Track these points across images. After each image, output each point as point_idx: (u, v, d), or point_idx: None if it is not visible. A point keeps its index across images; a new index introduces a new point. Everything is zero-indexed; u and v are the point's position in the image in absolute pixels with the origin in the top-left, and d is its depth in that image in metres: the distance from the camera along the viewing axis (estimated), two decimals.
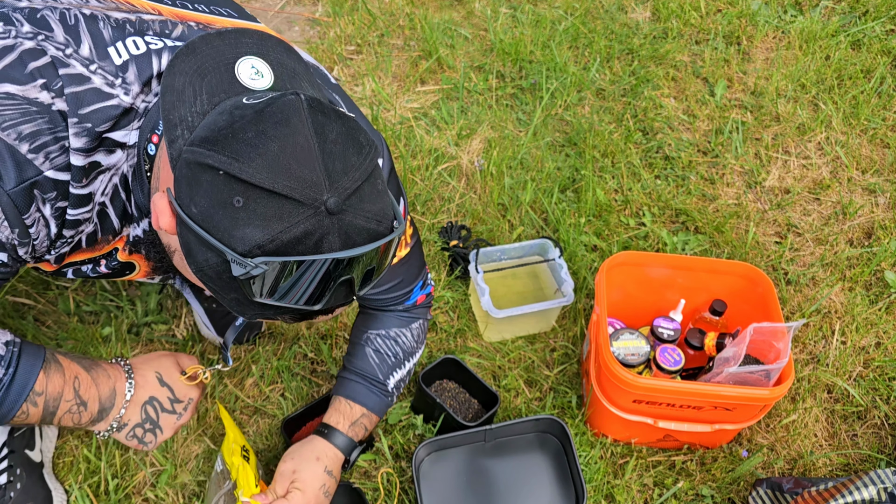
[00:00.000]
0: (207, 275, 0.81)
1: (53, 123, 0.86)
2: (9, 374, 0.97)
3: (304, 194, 0.76)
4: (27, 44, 0.87)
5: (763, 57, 2.35)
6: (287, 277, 0.77)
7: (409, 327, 1.33)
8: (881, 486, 1.20)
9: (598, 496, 1.45)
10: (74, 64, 0.88)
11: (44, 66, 0.87)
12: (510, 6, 2.47)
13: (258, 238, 0.76)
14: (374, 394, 1.30)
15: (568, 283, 1.63)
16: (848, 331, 1.71)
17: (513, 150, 2.02)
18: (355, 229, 0.79)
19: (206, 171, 0.77)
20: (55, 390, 1.01)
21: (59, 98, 0.87)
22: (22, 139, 0.85)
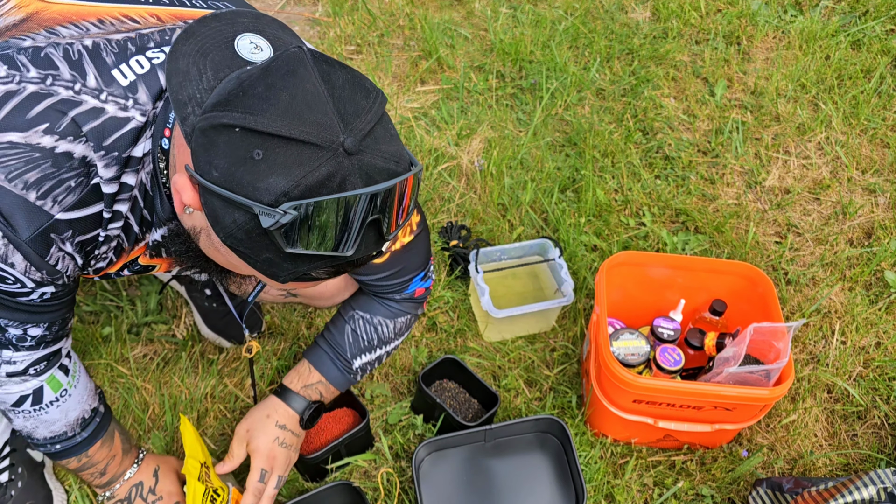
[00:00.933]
0: (237, 238, 0.81)
1: (57, 167, 0.87)
2: (82, 436, 1.20)
3: (321, 137, 0.77)
4: (31, 88, 0.88)
5: (763, 57, 2.35)
6: (316, 221, 0.78)
7: (395, 320, 1.34)
8: (881, 486, 1.20)
9: (598, 496, 1.45)
10: (86, 99, 0.89)
11: (46, 110, 0.88)
12: (510, 6, 2.47)
13: (282, 186, 0.76)
14: (337, 368, 1.34)
15: (568, 283, 1.63)
16: (848, 331, 1.71)
17: (513, 150, 2.02)
18: (375, 169, 0.79)
19: (222, 131, 0.78)
20: (98, 459, 1.24)
21: (63, 140, 0.88)
22: (28, 188, 0.87)
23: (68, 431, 1.18)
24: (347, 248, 0.81)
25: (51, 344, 1.07)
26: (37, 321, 1.01)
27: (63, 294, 1.01)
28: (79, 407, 1.17)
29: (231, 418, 1.53)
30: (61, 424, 1.16)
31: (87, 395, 1.19)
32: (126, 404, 1.54)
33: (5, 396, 1.10)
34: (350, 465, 1.46)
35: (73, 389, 1.15)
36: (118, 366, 1.59)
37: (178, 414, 1.53)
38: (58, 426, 1.16)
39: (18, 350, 1.03)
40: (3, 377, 1.06)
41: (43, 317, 1.01)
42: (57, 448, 1.19)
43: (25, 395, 1.10)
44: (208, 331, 1.63)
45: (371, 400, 1.57)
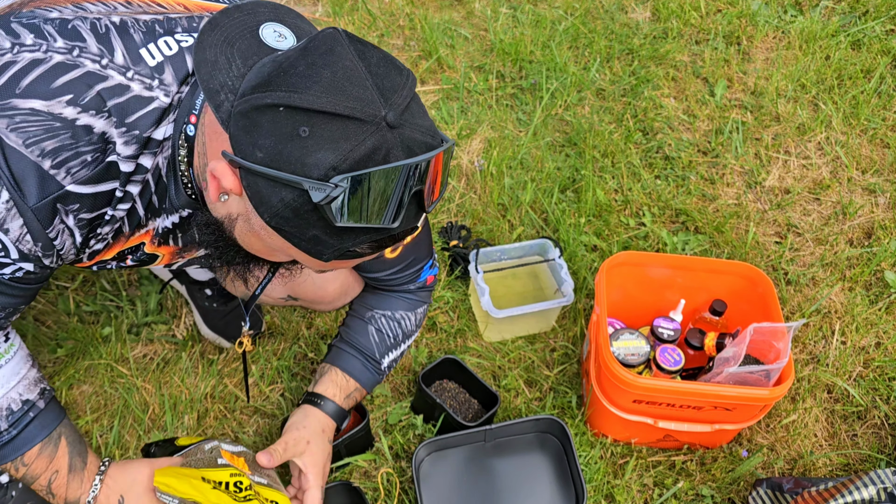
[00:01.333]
0: (284, 217, 0.82)
1: (76, 139, 0.88)
2: (10, 434, 1.04)
3: (364, 112, 0.78)
4: (57, 57, 0.88)
5: (763, 57, 2.35)
6: (366, 192, 0.79)
7: (415, 312, 1.36)
8: (881, 486, 1.20)
9: (598, 496, 1.45)
10: (112, 74, 0.90)
11: (73, 81, 0.88)
12: (510, 6, 2.47)
13: (331, 160, 0.78)
14: (369, 371, 1.33)
15: (568, 283, 1.63)
16: (848, 331, 1.71)
17: (513, 150, 2.02)
18: (415, 142, 0.82)
19: (265, 112, 0.79)
20: (36, 471, 1.08)
21: (85, 114, 0.88)
22: (44, 155, 0.87)
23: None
24: (394, 219, 0.82)
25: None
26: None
27: (35, 279, 0.98)
28: (0, 391, 1.03)
29: (231, 418, 1.54)
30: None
31: (17, 380, 1.05)
32: (126, 404, 1.54)
33: None
34: (350, 465, 1.46)
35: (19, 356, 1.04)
36: (118, 366, 1.59)
37: (178, 414, 1.53)
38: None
39: None
40: None
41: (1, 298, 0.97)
42: None
43: None
44: (208, 331, 1.63)
45: (371, 400, 1.57)
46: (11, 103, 0.86)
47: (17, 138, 0.86)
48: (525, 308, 1.58)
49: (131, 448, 1.48)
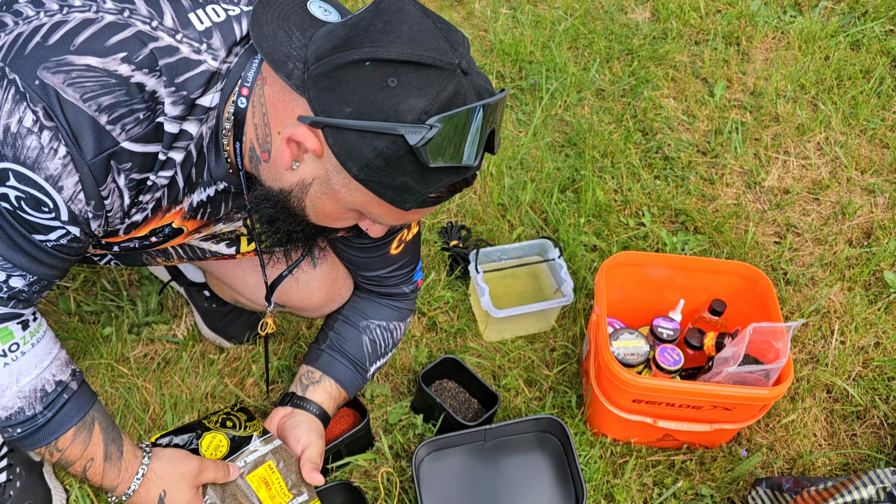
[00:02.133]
0: (375, 167, 0.87)
1: (130, 96, 0.89)
2: (45, 417, 1.02)
3: (443, 61, 0.86)
4: (109, 17, 0.89)
5: (762, 57, 2.35)
6: (455, 132, 0.86)
7: (405, 321, 1.41)
8: (880, 486, 1.20)
9: (597, 496, 1.45)
10: (162, 36, 0.91)
11: (126, 40, 0.89)
12: (510, 7, 2.47)
13: (422, 105, 0.84)
14: (358, 380, 1.37)
15: (568, 283, 1.63)
16: (847, 331, 1.71)
17: (513, 150, 2.02)
18: (482, 88, 0.89)
19: (350, 69, 0.85)
20: (70, 457, 1.07)
21: (139, 71, 0.89)
22: (101, 111, 0.88)
23: (25, 408, 1.00)
24: (475, 157, 0.89)
25: (19, 304, 0.99)
26: (28, 271, 0.95)
27: (75, 251, 0.97)
28: (34, 371, 1.01)
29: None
30: (13, 395, 0.99)
31: (49, 360, 1.03)
32: (127, 404, 1.54)
33: None
34: (350, 464, 1.47)
35: (29, 347, 1.00)
36: (119, 366, 1.59)
37: (178, 413, 1.53)
38: (9, 398, 0.99)
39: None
40: None
41: (38, 267, 0.96)
42: (18, 433, 1.01)
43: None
44: (209, 331, 1.63)
45: (371, 400, 1.57)
46: (67, 59, 0.86)
47: (75, 93, 0.86)
48: (525, 308, 1.58)
49: None
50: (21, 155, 0.86)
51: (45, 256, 0.95)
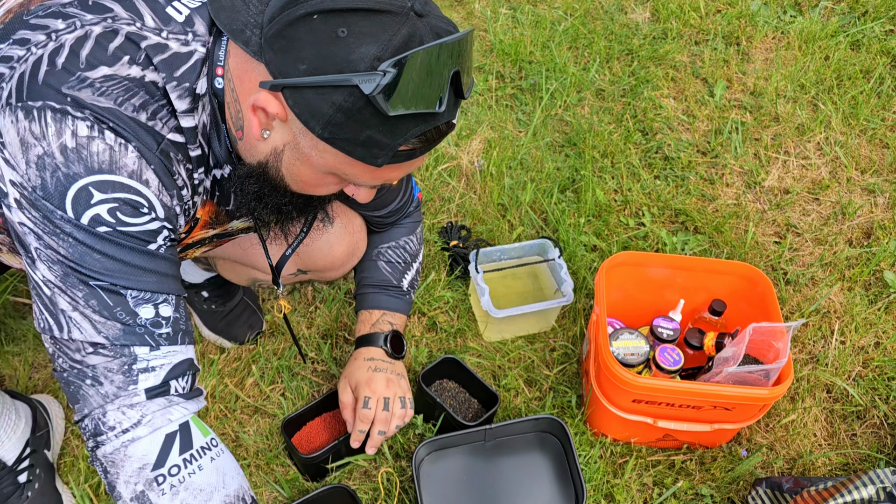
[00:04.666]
0: (337, 123, 0.83)
1: (150, 94, 0.88)
2: None
3: (394, 5, 0.82)
4: (96, 29, 0.88)
5: (762, 57, 2.35)
6: (411, 76, 0.81)
7: (415, 232, 1.47)
8: (880, 486, 1.20)
9: (597, 495, 1.45)
10: (149, 35, 0.90)
11: (123, 44, 0.88)
12: (510, 7, 2.47)
13: (374, 51, 0.81)
14: (391, 296, 1.42)
15: (568, 283, 1.63)
16: (847, 330, 1.71)
17: (512, 150, 2.02)
18: (442, 30, 0.85)
19: (299, 24, 0.82)
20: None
21: (147, 70, 0.89)
22: (137, 110, 0.87)
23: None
24: (439, 103, 0.84)
25: (185, 337, 0.94)
26: (164, 289, 0.91)
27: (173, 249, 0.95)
28: (237, 475, 0.95)
29: (232, 418, 1.54)
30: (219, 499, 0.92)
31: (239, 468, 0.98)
32: None
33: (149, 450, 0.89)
34: (350, 464, 1.47)
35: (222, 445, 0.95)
36: None
37: None
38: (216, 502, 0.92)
39: (156, 346, 0.89)
40: (143, 400, 0.88)
41: (170, 282, 0.92)
42: None
43: (172, 433, 0.90)
44: (209, 332, 1.63)
45: None
46: (83, 76, 0.85)
47: (107, 101, 0.85)
48: (525, 308, 1.58)
49: None
50: (94, 163, 0.83)
51: (168, 267, 0.92)
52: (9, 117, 0.83)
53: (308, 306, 1.71)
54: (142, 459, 0.89)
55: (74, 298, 0.86)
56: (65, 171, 0.83)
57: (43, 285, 0.87)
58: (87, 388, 0.89)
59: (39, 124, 0.83)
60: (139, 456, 0.89)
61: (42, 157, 0.82)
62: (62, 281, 0.86)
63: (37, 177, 0.83)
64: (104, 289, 0.86)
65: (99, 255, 0.85)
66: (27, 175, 0.83)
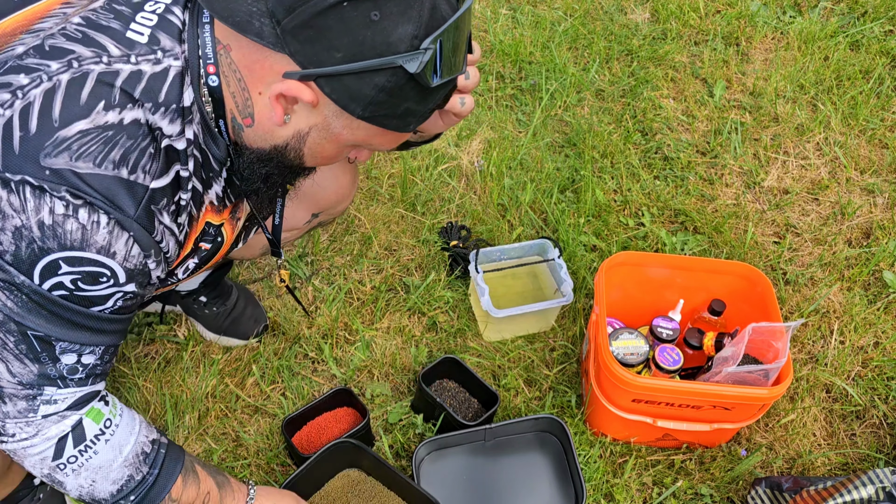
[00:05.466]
0: (379, 102, 0.87)
1: (133, 137, 0.88)
2: (153, 475, 1.04)
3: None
4: (64, 77, 0.87)
5: (762, 58, 2.35)
6: (447, 47, 0.86)
7: None
8: (879, 486, 1.20)
9: (597, 495, 1.45)
10: (120, 67, 0.89)
11: (94, 88, 0.87)
12: (510, 7, 2.48)
13: (410, 30, 0.84)
14: None
15: (567, 283, 1.63)
16: (846, 330, 1.71)
17: (512, 150, 2.03)
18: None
19: (328, 13, 0.82)
20: (188, 499, 1.09)
21: (125, 110, 0.88)
22: (118, 166, 0.87)
23: (134, 474, 1.03)
24: (463, 64, 0.91)
25: (97, 379, 1.00)
26: (96, 343, 0.96)
27: (133, 305, 0.98)
28: (131, 438, 1.03)
29: (232, 417, 1.54)
30: (119, 467, 1.01)
31: (137, 425, 1.06)
32: (127, 404, 1.55)
33: (44, 450, 0.98)
34: None
35: (119, 419, 1.03)
36: (119, 365, 1.60)
37: (179, 413, 1.53)
38: (117, 470, 1.01)
39: (64, 386, 0.96)
40: (39, 420, 0.96)
41: (103, 337, 0.96)
42: (132, 500, 1.03)
43: (64, 435, 0.98)
44: (213, 335, 1.64)
45: (371, 399, 1.57)
46: (59, 137, 0.85)
47: (85, 164, 0.85)
48: (525, 308, 1.59)
49: None
50: (66, 241, 0.85)
51: (106, 325, 0.95)
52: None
53: (308, 306, 1.71)
54: (40, 456, 0.98)
55: (4, 342, 0.90)
56: (40, 245, 0.85)
57: None
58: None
59: (19, 197, 0.84)
60: (37, 454, 0.98)
61: (20, 229, 0.84)
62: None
63: (11, 244, 0.85)
64: (37, 338, 0.91)
65: (46, 312, 0.89)
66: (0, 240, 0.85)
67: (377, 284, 1.75)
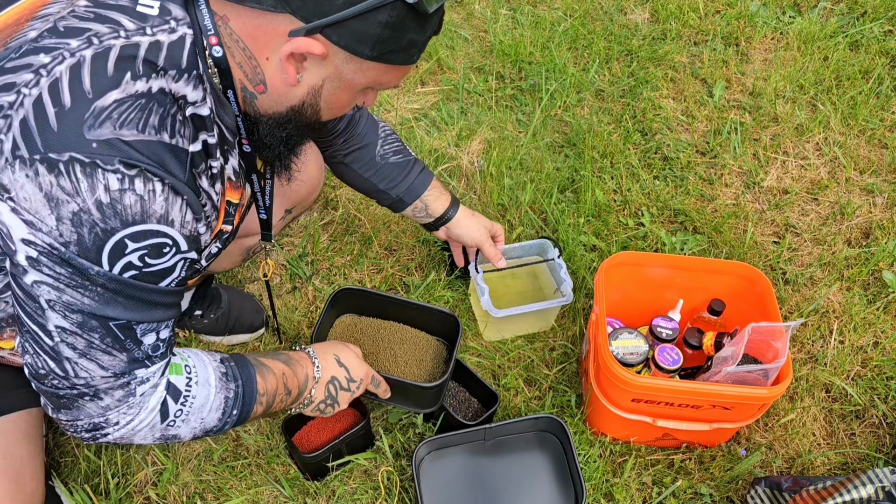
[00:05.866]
0: (385, 38, 0.90)
1: (163, 105, 0.88)
2: (239, 386, 1.10)
3: None
4: (87, 52, 0.86)
5: (761, 58, 2.36)
6: None
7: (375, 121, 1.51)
8: (879, 485, 1.20)
9: (597, 494, 1.46)
10: (138, 39, 0.88)
11: (119, 60, 0.86)
12: (510, 7, 2.48)
13: None
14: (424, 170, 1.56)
15: (567, 282, 1.63)
16: (846, 330, 1.72)
17: (512, 150, 2.03)
18: None
19: None
20: (272, 388, 1.16)
21: (151, 79, 0.87)
22: (159, 130, 0.87)
23: (227, 394, 1.08)
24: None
25: (173, 348, 1.03)
26: (169, 318, 0.97)
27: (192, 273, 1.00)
28: (209, 369, 1.08)
29: None
30: (214, 396, 1.07)
31: (203, 356, 1.10)
32: None
33: (150, 420, 1.01)
34: (351, 463, 1.47)
35: (190, 359, 1.07)
36: None
37: None
38: (214, 400, 1.07)
39: (152, 364, 0.98)
40: (137, 400, 0.98)
41: (173, 310, 0.98)
42: (235, 414, 1.10)
43: (164, 400, 1.01)
44: (220, 338, 1.64)
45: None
46: (96, 107, 0.83)
47: (130, 132, 0.84)
48: (524, 308, 1.59)
49: (132, 447, 1.49)
50: (128, 216, 0.85)
51: (173, 298, 0.96)
52: (22, 171, 0.81)
53: (309, 305, 1.71)
54: (149, 427, 1.01)
55: (91, 344, 0.91)
56: (102, 227, 0.84)
57: (44, 335, 0.90)
58: (84, 402, 0.95)
59: (70, 180, 0.81)
60: (146, 427, 1.01)
61: (78, 214, 0.82)
62: (79, 327, 0.89)
63: (72, 233, 0.83)
64: (119, 327, 0.91)
65: (122, 298, 0.89)
66: (58, 231, 0.83)
67: (377, 284, 1.76)
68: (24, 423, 1.21)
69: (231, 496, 1.43)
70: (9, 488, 1.13)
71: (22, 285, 0.88)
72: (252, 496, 1.44)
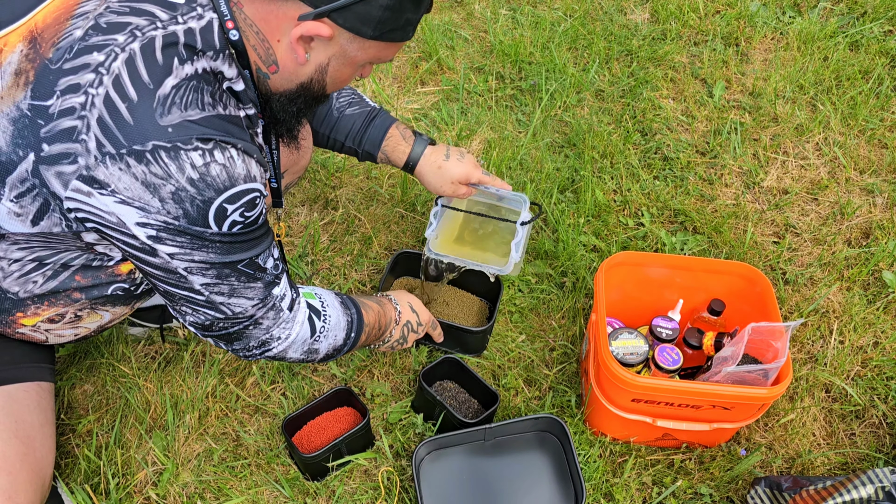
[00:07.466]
0: (385, 19, 0.99)
1: (209, 82, 0.98)
2: (355, 313, 1.32)
3: None
4: (135, 45, 0.94)
5: (761, 58, 2.36)
6: None
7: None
8: (879, 485, 1.20)
9: (597, 494, 1.46)
10: (175, 28, 0.96)
11: (164, 50, 0.94)
12: (510, 8, 2.48)
13: None
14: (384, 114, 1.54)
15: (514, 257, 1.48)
16: (846, 330, 1.72)
17: (512, 150, 2.03)
18: None
19: None
20: (372, 322, 1.37)
21: (194, 62, 0.96)
22: (214, 105, 0.98)
23: (349, 318, 1.30)
24: None
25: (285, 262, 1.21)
26: (272, 240, 1.12)
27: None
28: (331, 297, 1.29)
29: (232, 417, 1.54)
30: (341, 317, 1.28)
31: (323, 290, 1.31)
32: (128, 403, 1.55)
33: (302, 332, 1.21)
34: (351, 463, 1.47)
35: (317, 290, 1.29)
36: (120, 365, 1.60)
37: (179, 413, 1.54)
38: (342, 320, 1.28)
39: (279, 281, 1.14)
40: (287, 314, 1.17)
41: (270, 233, 1.12)
42: (353, 336, 1.31)
43: (308, 316, 1.22)
44: None
45: (371, 399, 1.57)
46: (160, 96, 0.92)
47: (194, 111, 0.94)
48: (458, 259, 1.51)
49: (132, 447, 1.49)
50: (219, 184, 0.96)
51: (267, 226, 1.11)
52: (115, 166, 0.91)
53: None
54: (302, 339, 1.22)
55: (232, 286, 1.07)
56: (200, 199, 0.95)
57: (195, 294, 1.06)
58: (250, 330, 1.15)
59: (159, 165, 0.92)
60: (300, 339, 1.22)
61: (177, 192, 0.94)
62: (218, 278, 1.05)
63: (177, 208, 0.95)
64: (248, 265, 1.07)
65: (239, 244, 1.03)
66: (164, 209, 0.94)
67: (377, 284, 1.76)
68: (37, 395, 1.27)
69: (231, 496, 1.43)
70: (20, 450, 1.19)
71: (157, 265, 1.02)
72: (252, 496, 1.44)
